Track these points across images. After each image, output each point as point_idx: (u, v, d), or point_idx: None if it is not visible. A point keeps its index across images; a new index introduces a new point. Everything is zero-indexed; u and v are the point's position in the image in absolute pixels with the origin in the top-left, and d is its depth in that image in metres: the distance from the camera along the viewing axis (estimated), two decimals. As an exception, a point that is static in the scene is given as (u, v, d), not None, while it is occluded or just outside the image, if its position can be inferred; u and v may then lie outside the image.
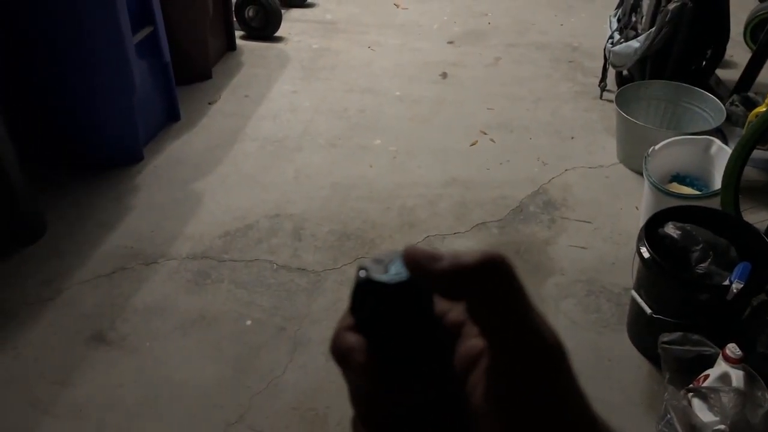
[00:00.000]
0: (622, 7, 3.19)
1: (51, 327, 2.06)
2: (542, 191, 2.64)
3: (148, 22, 2.70)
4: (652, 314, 1.80)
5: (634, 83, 2.93)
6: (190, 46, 3.23)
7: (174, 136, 2.97)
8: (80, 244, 2.36)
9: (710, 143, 2.39)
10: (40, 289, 2.18)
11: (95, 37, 2.43)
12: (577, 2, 4.42)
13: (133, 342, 2.00)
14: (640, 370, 1.91)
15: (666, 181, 2.43)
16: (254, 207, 2.54)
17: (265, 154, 2.87)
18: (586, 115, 3.17)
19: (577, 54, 3.73)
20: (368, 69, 3.57)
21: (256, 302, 2.14)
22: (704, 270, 1.77)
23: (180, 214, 2.51)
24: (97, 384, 1.88)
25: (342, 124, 3.08)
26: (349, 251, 2.33)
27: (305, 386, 1.87)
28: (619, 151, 2.81)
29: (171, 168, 2.77)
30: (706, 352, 1.66)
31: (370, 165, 2.80)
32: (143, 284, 2.20)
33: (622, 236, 2.38)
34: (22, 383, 1.89)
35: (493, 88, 3.39)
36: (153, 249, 2.34)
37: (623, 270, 2.12)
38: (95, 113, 2.62)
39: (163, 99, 2.95)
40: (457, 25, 4.09)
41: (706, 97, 2.73)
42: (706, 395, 1.53)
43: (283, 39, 3.88)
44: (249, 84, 3.41)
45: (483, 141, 2.97)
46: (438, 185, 2.67)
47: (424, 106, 3.24)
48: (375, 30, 4.02)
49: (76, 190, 2.61)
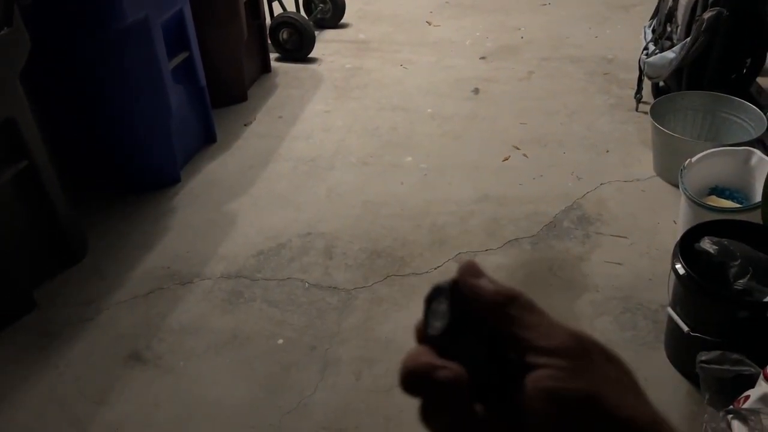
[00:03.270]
0: (657, 18, 3.14)
1: (90, 346, 2.12)
2: (576, 206, 2.60)
3: (184, 47, 2.79)
4: (689, 332, 1.74)
5: (671, 94, 2.86)
6: (225, 69, 3.32)
7: (210, 157, 3.03)
8: (119, 265, 2.43)
9: (750, 154, 2.32)
10: (81, 309, 2.24)
11: (132, 64, 2.52)
12: (612, 14, 4.37)
13: (168, 361, 2.04)
14: (679, 390, 1.85)
15: (704, 194, 2.36)
16: (287, 226, 2.58)
17: (298, 173, 2.91)
18: (622, 127, 3.11)
19: (612, 66, 3.68)
20: (400, 87, 3.59)
21: (287, 321, 2.16)
22: (743, 286, 1.71)
23: (214, 234, 2.56)
24: (133, 403, 1.93)
25: (374, 142, 3.10)
26: (379, 269, 2.34)
27: (335, 405, 1.87)
28: (656, 163, 2.75)
29: (206, 189, 2.83)
30: (746, 371, 1.59)
31: (401, 182, 2.81)
32: (178, 304, 2.25)
33: (659, 251, 2.32)
34: (63, 401, 1.94)
35: (526, 103, 3.37)
36: (188, 269, 2.39)
37: (660, 286, 2.06)
38: (134, 138, 2.71)
39: (200, 122, 3.03)
40: (489, 41, 4.09)
41: (746, 107, 2.66)
42: (746, 417, 1.47)
43: (317, 60, 3.94)
44: (283, 105, 3.47)
45: (515, 156, 2.95)
46: (469, 202, 2.66)
47: (455, 122, 3.23)
48: (407, 48, 4.04)
49: (116, 212, 2.69)
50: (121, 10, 2.34)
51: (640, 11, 4.27)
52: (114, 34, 2.39)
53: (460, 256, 2.38)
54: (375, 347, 2.04)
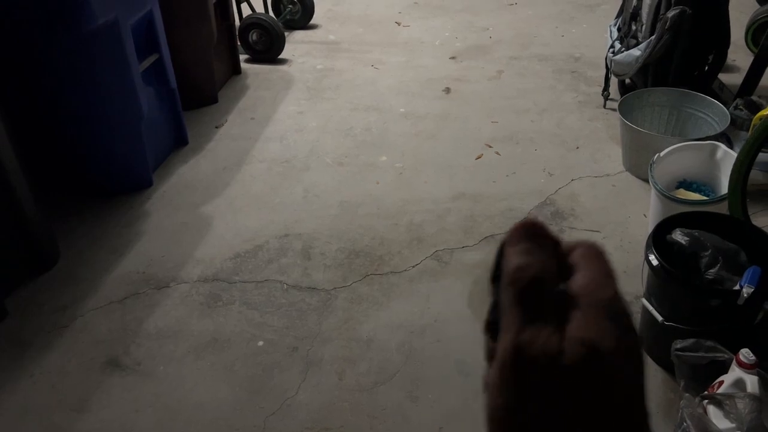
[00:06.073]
0: (622, 17, 3.21)
1: (66, 354, 2.08)
2: (549, 202, 2.64)
3: (154, 49, 2.75)
4: (663, 321, 1.79)
5: (637, 91, 2.94)
6: (195, 71, 3.28)
7: (182, 160, 3.00)
8: (93, 270, 2.39)
9: (716, 148, 2.39)
10: (54, 317, 2.20)
11: (102, 66, 2.48)
12: (578, 13, 4.45)
13: (148, 367, 2.01)
14: (655, 378, 1.90)
15: (673, 187, 2.43)
16: (263, 228, 2.56)
17: (273, 175, 2.90)
18: (591, 124, 3.18)
19: (579, 64, 3.75)
20: (372, 87, 3.61)
21: (267, 323, 2.15)
22: (714, 275, 1.76)
23: (190, 237, 2.54)
24: (113, 409, 1.90)
25: (348, 142, 3.11)
26: (358, 268, 2.34)
27: (319, 405, 1.87)
28: (625, 159, 2.81)
29: (180, 192, 2.80)
30: (719, 358, 1.65)
31: (377, 182, 2.82)
32: (155, 309, 2.22)
33: (632, 244, 2.38)
34: (40, 411, 1.90)
35: (496, 102, 3.41)
36: (164, 273, 2.36)
37: (634, 278, 2.11)
38: (104, 141, 2.66)
39: (171, 124, 3.00)
40: (459, 41, 4.13)
41: (710, 102, 2.74)
42: (722, 402, 1.52)
43: (287, 61, 3.93)
44: (255, 106, 3.45)
45: (488, 154, 2.99)
46: (445, 200, 2.68)
47: (428, 121, 3.26)
48: (378, 49, 4.06)
49: (87, 217, 2.65)
50: (91, 11, 2.30)
51: (605, 10, 4.37)
52: (84, 36, 2.35)
53: (437, 253, 2.40)
54: (357, 346, 2.05)
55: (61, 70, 2.46)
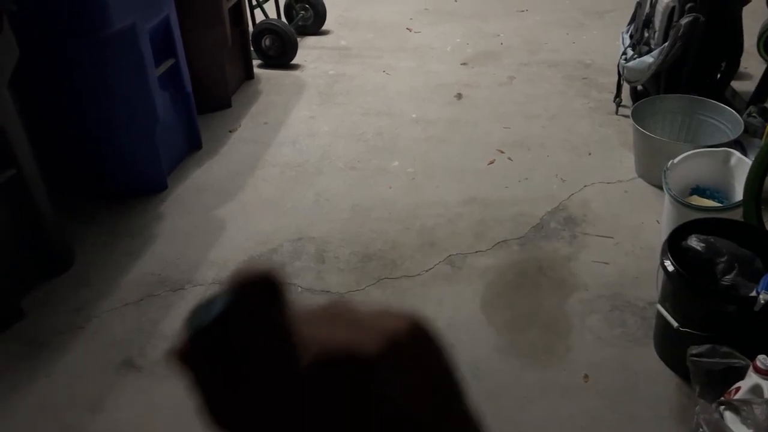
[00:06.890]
0: (635, 24, 3.22)
1: (82, 355, 2.09)
2: (562, 208, 2.65)
3: (171, 54, 2.78)
4: (678, 327, 1.79)
5: (650, 98, 2.94)
6: (209, 76, 3.31)
7: (196, 164, 3.02)
8: (108, 272, 2.40)
9: (729, 155, 2.39)
10: (70, 318, 2.22)
11: (119, 71, 2.51)
12: (588, 20, 4.46)
13: (164, 368, 2.02)
14: (669, 384, 1.90)
15: (686, 194, 2.43)
16: (277, 231, 2.58)
17: (286, 179, 2.91)
18: (602, 130, 3.18)
19: (590, 71, 3.76)
20: (384, 92, 3.62)
21: (281, 325, 2.15)
22: (730, 282, 1.76)
23: (204, 240, 2.55)
24: (127, 410, 1.91)
25: (360, 147, 3.12)
26: (371, 272, 2.35)
27: (333, 408, 1.88)
28: (638, 165, 2.82)
29: (194, 196, 2.82)
30: (736, 364, 1.65)
31: (389, 186, 2.83)
32: (171, 310, 2.23)
33: (644, 250, 2.38)
34: (55, 411, 1.92)
35: (507, 107, 3.42)
36: (179, 276, 2.38)
37: (647, 284, 2.12)
38: (120, 144, 2.69)
39: (185, 128, 3.02)
40: (469, 47, 4.14)
41: (722, 109, 2.74)
42: (738, 408, 1.52)
43: (300, 66, 3.95)
44: (267, 111, 3.48)
45: (500, 159, 3.00)
46: (457, 204, 2.69)
47: (439, 127, 3.27)
48: (389, 54, 4.08)
49: (103, 220, 2.67)
50: (109, 17, 2.33)
51: (614, 17, 4.37)
52: (101, 41, 2.38)
53: (450, 258, 2.41)
54: (370, 349, 2.05)
55: (78, 74, 2.49)
